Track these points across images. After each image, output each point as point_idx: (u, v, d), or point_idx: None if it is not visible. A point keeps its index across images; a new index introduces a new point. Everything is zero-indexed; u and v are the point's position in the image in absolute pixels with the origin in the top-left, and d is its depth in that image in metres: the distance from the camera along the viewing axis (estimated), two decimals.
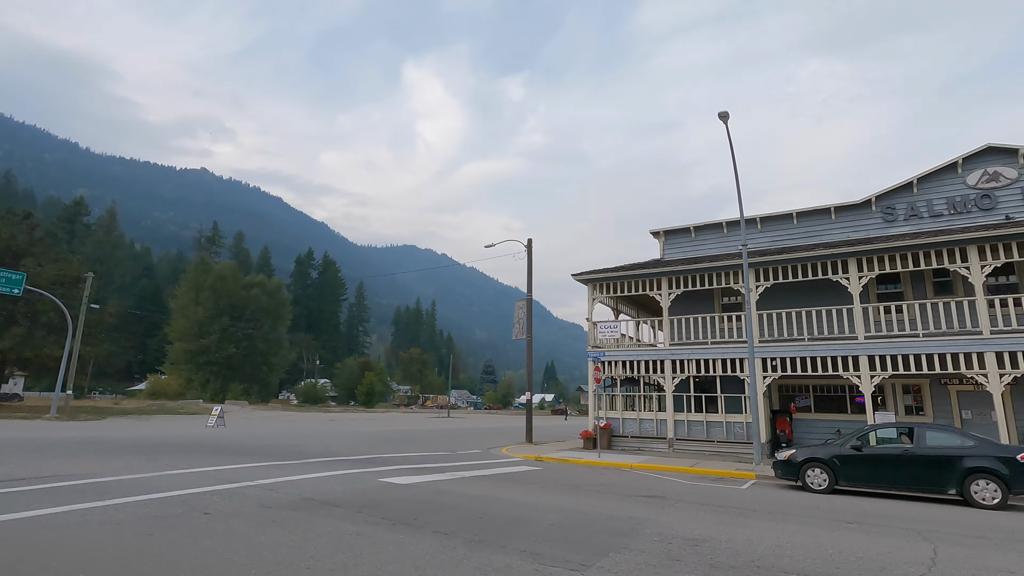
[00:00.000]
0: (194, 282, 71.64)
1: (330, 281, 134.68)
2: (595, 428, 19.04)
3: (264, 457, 12.39)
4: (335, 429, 25.97)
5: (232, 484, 8.38)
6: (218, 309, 70.39)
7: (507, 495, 8.57)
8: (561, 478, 11.15)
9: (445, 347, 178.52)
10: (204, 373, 68.76)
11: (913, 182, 17.59)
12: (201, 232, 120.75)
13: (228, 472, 9.68)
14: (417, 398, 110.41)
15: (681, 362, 18.21)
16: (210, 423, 23.93)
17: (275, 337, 77.25)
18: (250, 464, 11.00)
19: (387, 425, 32.24)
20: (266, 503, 7.04)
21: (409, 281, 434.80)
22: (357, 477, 9.75)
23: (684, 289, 18.72)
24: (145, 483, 8.19)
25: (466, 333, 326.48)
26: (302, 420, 36.06)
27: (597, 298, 20.34)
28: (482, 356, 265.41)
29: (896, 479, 10.02)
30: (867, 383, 15.30)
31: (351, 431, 24.73)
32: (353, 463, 12.02)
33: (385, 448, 16.44)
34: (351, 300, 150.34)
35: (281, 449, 14.55)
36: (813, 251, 16.55)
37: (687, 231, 21.30)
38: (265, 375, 75.75)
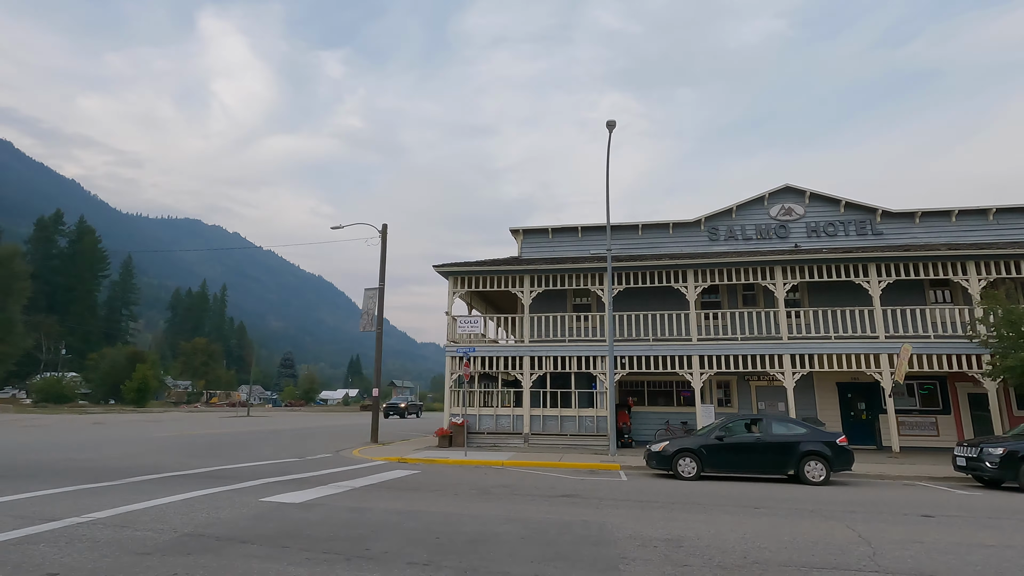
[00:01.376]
0: None
1: (85, 253, 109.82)
2: (451, 425, 18.57)
3: (69, 479, 9.22)
4: (120, 435, 20.93)
5: (60, 522, 5.98)
6: None
7: (430, 507, 7.66)
8: (453, 482, 10.45)
9: (236, 337, 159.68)
10: None
11: (732, 208, 20.76)
12: None
13: (38, 504, 6.94)
14: (200, 395, 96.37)
15: (539, 359, 18.72)
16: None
17: (3, 318, 60.18)
18: (59, 490, 8.05)
19: (183, 428, 27.16)
20: (138, 547, 5.10)
21: (191, 260, 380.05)
22: (229, 497, 7.80)
23: (545, 288, 19.31)
24: None
25: (259, 323, 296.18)
26: (56, 425, 28.41)
27: (457, 292, 19.85)
28: (277, 348, 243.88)
29: (750, 464, 11.57)
30: (698, 379, 17.53)
31: (144, 437, 20.18)
32: (201, 480, 9.67)
33: (216, 458, 13.67)
34: (113, 278, 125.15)
35: (81, 466, 11.05)
36: (660, 260, 18.43)
37: (545, 232, 22.06)
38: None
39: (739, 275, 18.01)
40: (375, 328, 20.87)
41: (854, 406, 18.87)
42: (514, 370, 18.86)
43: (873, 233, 19.69)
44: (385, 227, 21.84)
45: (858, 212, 20.01)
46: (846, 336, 17.10)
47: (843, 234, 19.89)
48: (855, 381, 18.84)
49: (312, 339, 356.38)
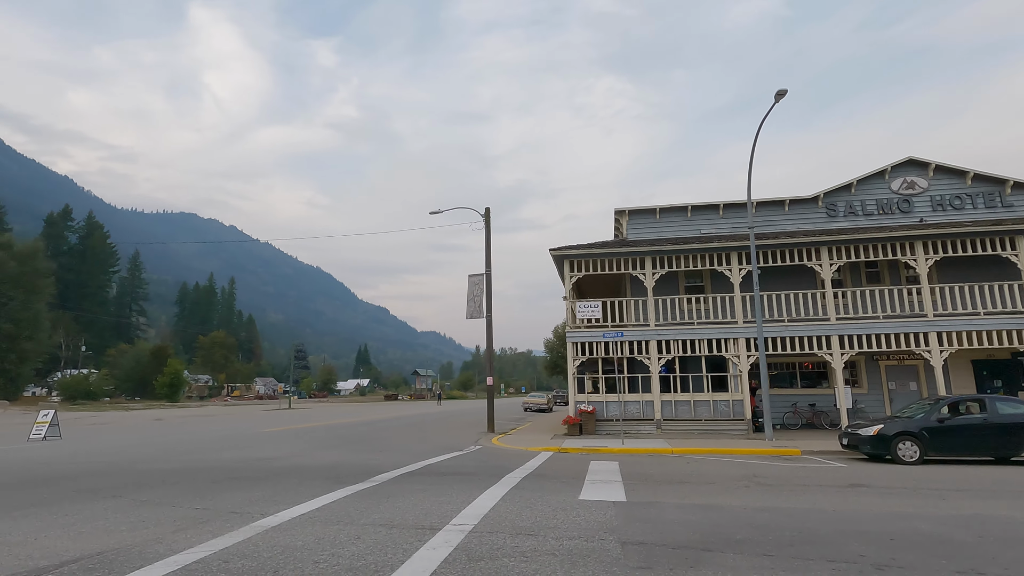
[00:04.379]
0: None
1: (96, 249, 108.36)
2: (579, 413, 18.02)
3: (319, 481, 8.56)
4: (224, 431, 20.25)
5: (456, 531, 5.32)
6: None
7: (780, 504, 7.07)
8: (684, 472, 9.85)
9: (245, 331, 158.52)
10: None
11: (852, 183, 20.09)
12: None
13: (362, 508, 6.27)
14: (221, 389, 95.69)
15: (666, 342, 18.12)
16: (36, 434, 16.58)
17: (29, 316, 59.07)
18: (341, 493, 7.38)
19: (260, 423, 26.50)
20: (604, 559, 4.46)
21: (187, 254, 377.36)
22: (538, 498, 7.15)
23: (669, 269, 18.68)
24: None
25: (258, 315, 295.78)
26: (120, 422, 27.68)
27: (573, 276, 19.17)
28: (278, 341, 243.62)
29: (977, 447, 11.04)
30: (838, 360, 16.99)
31: (260, 432, 19.50)
32: (455, 479, 9.02)
33: (385, 452, 13.03)
34: (123, 274, 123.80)
35: (281, 466, 10.36)
36: (794, 238, 17.79)
37: (651, 212, 21.33)
38: (13, 365, 57.48)
39: (875, 251, 17.40)
40: (483, 315, 20.19)
41: (990, 383, 18.40)
42: (640, 355, 18.26)
43: (1003, 205, 19.09)
44: (488, 211, 21.09)
45: (986, 184, 19.38)
46: (995, 312, 16.56)
47: (971, 207, 19.27)
48: (991, 358, 18.36)
49: (312, 331, 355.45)
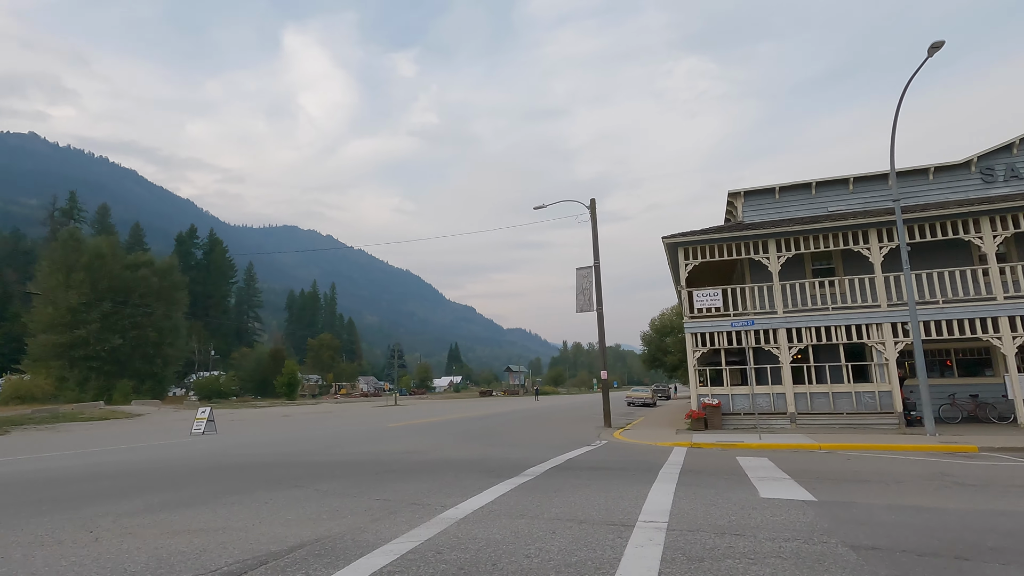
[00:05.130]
0: (62, 262, 58.72)
1: (218, 262, 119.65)
2: (703, 407, 17.21)
3: (410, 473, 8.74)
4: (338, 428, 21.51)
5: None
6: (97, 293, 58.46)
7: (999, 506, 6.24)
8: (852, 470, 8.97)
9: (346, 333, 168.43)
10: (81, 370, 57.04)
11: (1014, 143, 17.61)
12: (55, 203, 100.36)
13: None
14: (329, 387, 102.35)
15: (797, 330, 16.85)
16: (196, 429, 18.46)
17: (170, 325, 66.30)
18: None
19: (372, 418, 27.89)
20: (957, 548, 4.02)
21: (291, 264, 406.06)
22: (732, 496, 6.79)
23: (795, 252, 17.36)
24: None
25: (356, 318, 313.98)
26: (260, 418, 30.24)
27: (689, 264, 18.33)
28: (375, 342, 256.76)
29: None
30: (1010, 345, 14.94)
31: (367, 429, 20.52)
32: (616, 473, 8.88)
33: (490, 446, 13.14)
34: (240, 284, 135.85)
35: (385, 459, 10.74)
36: (946, 209, 15.87)
37: (770, 192, 19.94)
38: (159, 369, 64.82)
39: None
40: (594, 308, 19.85)
41: None
42: (768, 344, 17.12)
43: None
44: (593, 202, 20.71)
45: None
46: None
47: None
48: None
49: (404, 330, 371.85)
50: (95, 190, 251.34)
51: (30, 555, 4.58)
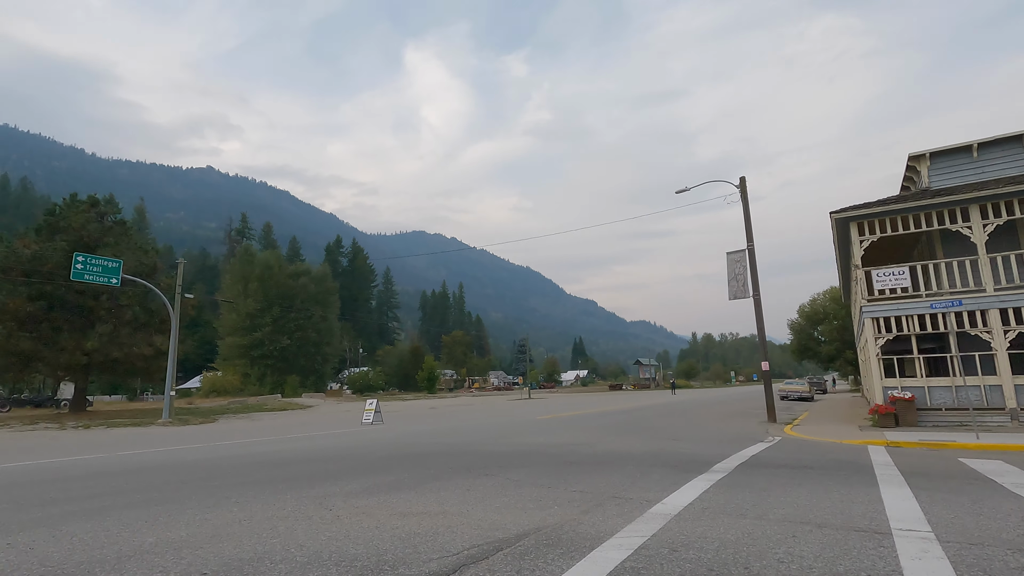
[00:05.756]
0: (240, 274, 68.01)
1: (360, 268, 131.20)
2: (892, 400, 15.15)
3: (589, 465, 8.50)
4: (487, 419, 22.23)
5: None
6: (268, 300, 66.85)
7: None
8: None
9: (474, 329, 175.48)
10: (260, 367, 65.53)
11: None
12: (231, 225, 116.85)
13: None
14: (463, 381, 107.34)
15: (1015, 311, 14.16)
16: (366, 420, 20.20)
17: (326, 326, 73.84)
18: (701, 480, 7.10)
19: (513, 411, 28.52)
20: None
21: (421, 267, 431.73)
22: (934, 500, 5.83)
23: (1008, 218, 14.61)
24: None
25: (482, 315, 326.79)
26: (411, 410, 32.46)
27: (864, 240, 16.24)
28: (500, 338, 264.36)
29: None
30: None
31: (515, 420, 20.95)
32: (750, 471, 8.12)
33: (653, 440, 12.58)
34: (379, 287, 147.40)
35: (554, 451, 10.68)
36: None
37: (966, 151, 17.02)
38: (319, 365, 72.53)
39: None
40: (749, 294, 18.41)
41: None
42: (974, 328, 14.60)
43: None
44: (743, 181, 19.23)
45: None
46: None
47: None
48: None
49: (527, 326, 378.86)
50: (259, 211, 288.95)
51: (292, 528, 5.11)
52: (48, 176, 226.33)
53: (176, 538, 4.81)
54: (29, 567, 4.08)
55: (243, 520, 5.43)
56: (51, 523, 5.45)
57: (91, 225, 29.36)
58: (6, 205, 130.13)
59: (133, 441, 16.24)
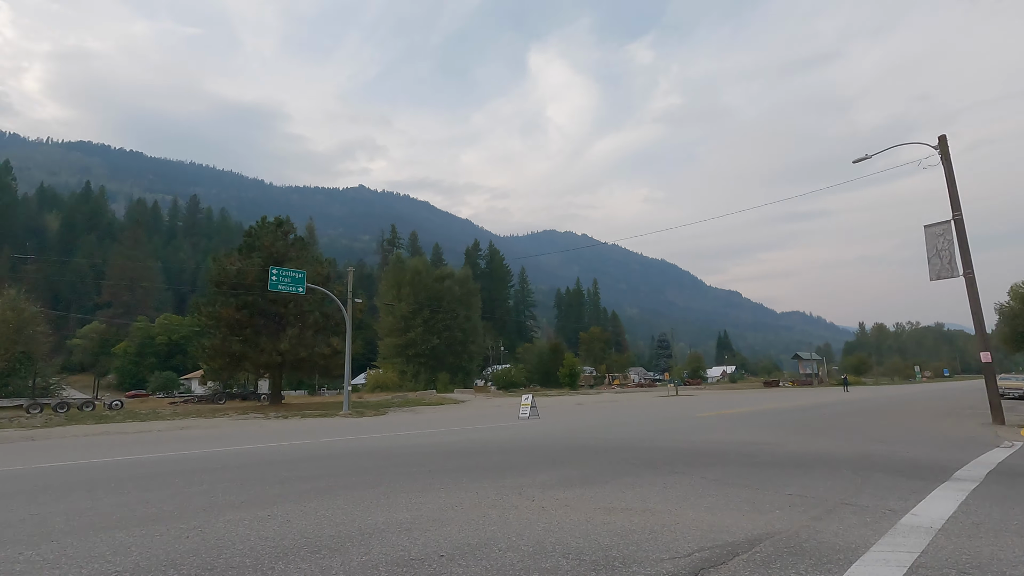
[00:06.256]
0: (394, 280, 74.14)
1: (497, 269, 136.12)
2: None
3: (791, 467, 7.50)
4: (641, 415, 21.44)
5: None
6: (418, 303, 71.99)
7: None
8: None
9: (611, 325, 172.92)
10: (414, 365, 70.79)
11: None
12: (382, 236, 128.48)
13: None
14: (603, 378, 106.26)
15: None
16: (523, 414, 20.69)
17: (470, 326, 77.63)
18: None
19: (666, 407, 27.25)
20: None
21: (553, 265, 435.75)
22: None
23: None
24: None
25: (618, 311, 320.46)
26: (559, 406, 32.69)
27: None
28: (637, 333, 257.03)
29: None
30: None
31: (673, 416, 19.91)
32: None
33: (845, 441, 10.98)
34: (515, 287, 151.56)
35: (737, 449, 9.74)
36: None
37: None
38: (466, 363, 76.46)
39: None
40: (959, 273, 15.57)
41: None
42: None
43: None
44: (943, 139, 16.35)
45: None
46: None
47: None
48: None
49: (665, 320, 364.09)
50: (404, 222, 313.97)
51: (504, 516, 5.18)
52: (239, 205, 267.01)
53: (402, 519, 5.11)
54: (293, 538, 4.56)
55: (454, 506, 5.64)
56: (294, 499, 6.15)
57: (278, 243, 33.81)
58: (210, 231, 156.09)
59: (326, 430, 18.28)
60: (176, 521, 5.20)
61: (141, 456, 11.57)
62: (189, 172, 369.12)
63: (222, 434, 17.62)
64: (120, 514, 5.58)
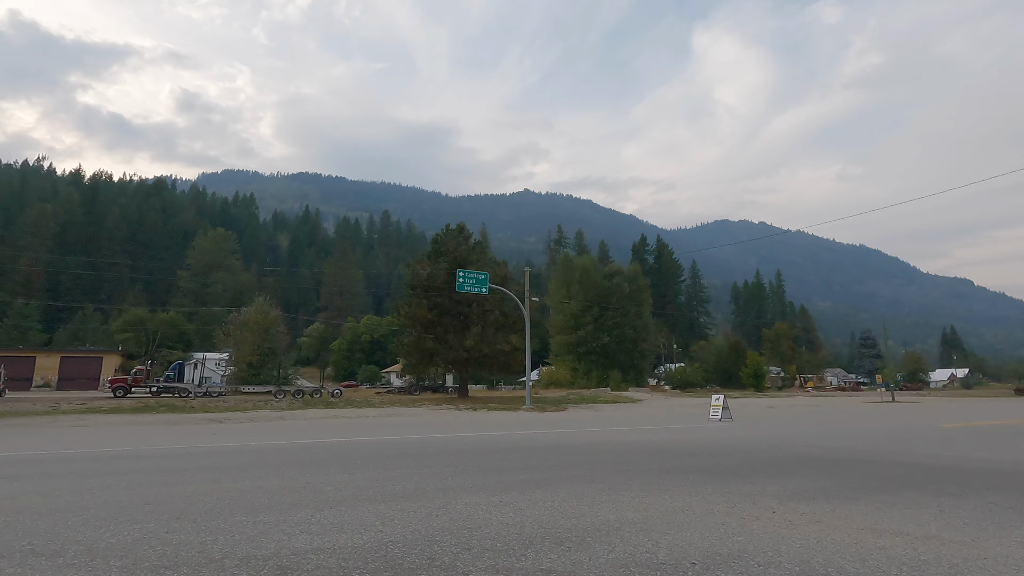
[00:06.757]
0: (563, 279, 75.34)
1: (666, 264, 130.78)
2: None
3: None
4: (869, 425, 18.48)
5: None
6: (587, 301, 72.14)
7: None
8: None
9: (799, 321, 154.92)
10: (585, 362, 71.05)
11: None
12: (549, 236, 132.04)
13: None
14: (792, 379, 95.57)
15: None
16: (714, 415, 19.37)
17: (641, 323, 75.58)
18: None
19: (893, 416, 23.19)
20: None
21: (727, 257, 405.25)
22: None
23: None
24: None
25: (807, 304, 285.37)
26: (750, 409, 30.01)
27: None
28: (831, 330, 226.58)
29: None
30: None
31: (911, 427, 16.80)
32: None
33: None
34: (687, 282, 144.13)
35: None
36: None
37: None
38: (638, 361, 74.60)
39: None
40: None
41: None
42: None
43: None
44: None
45: None
46: None
47: None
48: None
49: (867, 316, 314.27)
50: (568, 221, 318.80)
51: (747, 527, 4.70)
52: (421, 217, 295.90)
53: (634, 519, 4.93)
54: (531, 527, 4.65)
55: (683, 509, 5.31)
56: (518, 488, 6.36)
57: (461, 247, 36.46)
58: (399, 241, 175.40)
59: (516, 422, 19.11)
60: (421, 500, 5.69)
61: (368, 439, 13.19)
62: (380, 190, 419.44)
63: (425, 422, 19.42)
64: (374, 489, 6.30)
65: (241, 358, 44.86)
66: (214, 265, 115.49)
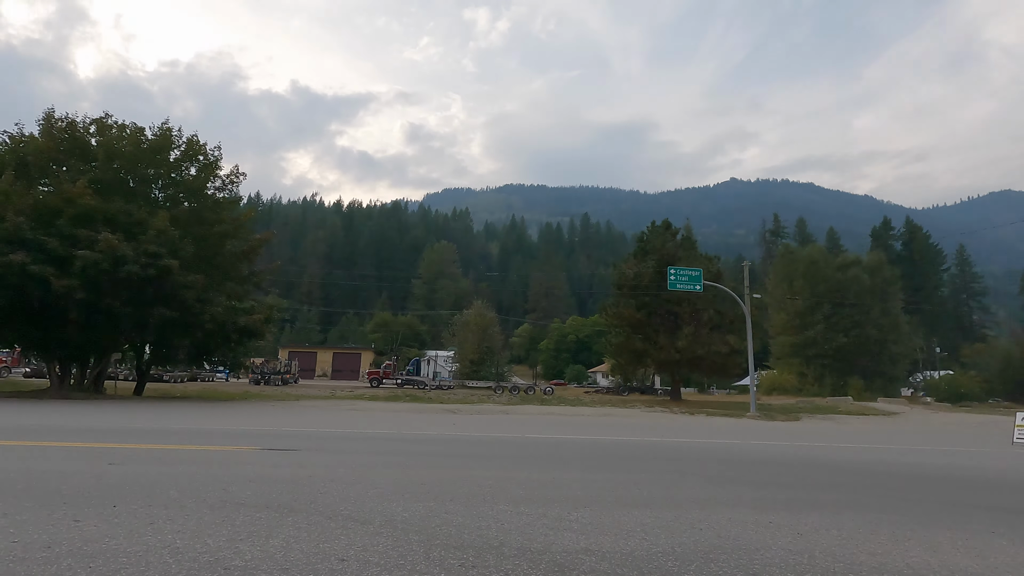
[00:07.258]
0: (784, 272, 67.48)
1: (920, 251, 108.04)
2: None
3: None
4: None
5: None
6: (816, 297, 63.27)
7: None
8: None
9: None
10: (815, 367, 62.42)
11: None
12: (764, 227, 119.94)
13: None
14: None
15: None
16: (1019, 437, 15.11)
17: (888, 322, 63.58)
18: None
19: None
20: None
21: (1010, 238, 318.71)
22: None
23: None
24: None
25: None
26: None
27: None
28: None
29: None
30: None
31: None
32: None
33: None
34: (952, 270, 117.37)
35: None
36: None
37: None
38: (886, 367, 62.86)
39: None
40: None
41: None
42: None
43: None
44: None
45: None
46: None
47: None
48: None
49: None
50: (783, 209, 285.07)
51: None
52: (619, 217, 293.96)
53: (967, 567, 3.87)
54: (823, 558, 3.96)
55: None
56: (783, 507, 5.59)
57: (668, 244, 35.02)
58: (599, 243, 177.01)
59: (745, 431, 17.45)
60: (676, 509, 5.33)
61: (591, 438, 13.24)
62: (579, 194, 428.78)
63: (642, 424, 18.92)
64: (619, 491, 6.14)
65: (464, 355, 49.76)
66: (440, 273, 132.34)
